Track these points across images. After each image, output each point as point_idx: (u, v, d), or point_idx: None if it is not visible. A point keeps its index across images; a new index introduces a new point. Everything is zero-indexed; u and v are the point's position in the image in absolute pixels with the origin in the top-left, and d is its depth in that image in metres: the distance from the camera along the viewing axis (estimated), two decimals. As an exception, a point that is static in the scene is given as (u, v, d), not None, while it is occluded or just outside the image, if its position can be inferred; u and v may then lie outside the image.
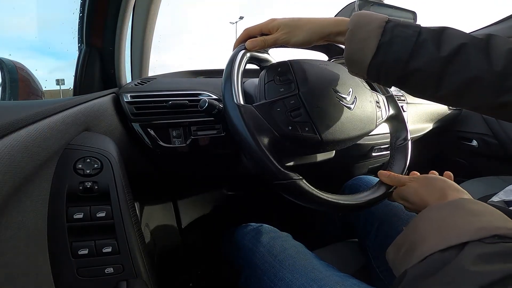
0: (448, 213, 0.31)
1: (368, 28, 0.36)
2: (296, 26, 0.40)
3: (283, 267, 0.45)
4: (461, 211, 0.30)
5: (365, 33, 0.36)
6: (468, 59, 0.32)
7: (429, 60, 0.34)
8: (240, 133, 0.38)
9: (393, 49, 0.35)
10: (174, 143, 0.58)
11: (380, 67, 0.36)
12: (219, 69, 0.91)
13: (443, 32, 0.34)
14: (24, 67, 0.60)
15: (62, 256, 0.34)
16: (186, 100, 0.58)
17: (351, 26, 0.37)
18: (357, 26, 0.37)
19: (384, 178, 0.47)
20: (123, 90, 0.58)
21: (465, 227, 0.28)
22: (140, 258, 0.38)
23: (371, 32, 0.36)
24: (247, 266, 0.50)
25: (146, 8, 0.68)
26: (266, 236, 0.52)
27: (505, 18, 1.09)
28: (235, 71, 0.42)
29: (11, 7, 0.63)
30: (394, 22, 0.36)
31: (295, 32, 0.40)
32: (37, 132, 0.30)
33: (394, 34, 0.35)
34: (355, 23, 0.37)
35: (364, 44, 0.36)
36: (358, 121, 0.48)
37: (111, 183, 0.38)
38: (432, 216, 0.32)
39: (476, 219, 0.28)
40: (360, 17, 0.37)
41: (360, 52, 0.37)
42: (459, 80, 0.33)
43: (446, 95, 0.35)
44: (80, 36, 0.60)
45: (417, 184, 0.43)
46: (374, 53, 0.35)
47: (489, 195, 0.95)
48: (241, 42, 0.45)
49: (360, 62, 0.37)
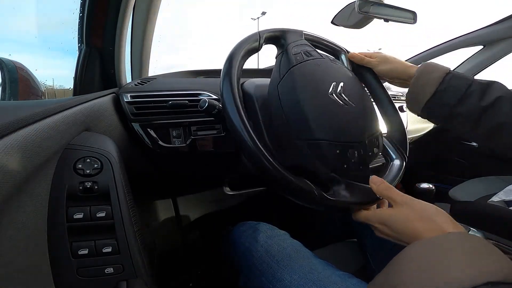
0: (439, 253, 0.27)
1: (430, 77, 0.45)
2: (387, 60, 0.52)
3: (281, 268, 0.44)
4: (455, 250, 0.26)
5: (426, 81, 0.45)
6: (500, 108, 0.41)
7: (471, 108, 0.42)
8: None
9: (445, 96, 0.44)
10: (174, 143, 0.58)
11: (432, 109, 0.46)
12: (218, 69, 0.91)
13: (490, 85, 0.43)
14: (24, 67, 0.60)
15: (62, 256, 0.34)
16: (186, 100, 0.58)
17: (417, 74, 0.47)
18: (422, 74, 0.46)
19: (374, 186, 0.39)
20: (123, 90, 0.58)
21: (456, 273, 0.24)
22: (140, 258, 0.38)
23: (431, 80, 0.45)
24: (245, 266, 0.50)
25: (146, 8, 0.68)
26: (264, 235, 0.52)
27: (505, 18, 1.09)
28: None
29: (11, 7, 0.63)
30: (453, 74, 0.45)
31: (384, 64, 0.52)
32: (37, 132, 0.30)
33: (450, 84, 0.44)
34: (421, 71, 0.47)
35: (423, 89, 0.46)
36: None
37: (111, 183, 0.38)
38: (419, 255, 0.28)
39: (469, 262, 0.25)
40: (426, 66, 0.47)
41: (419, 95, 0.46)
42: (491, 124, 0.42)
43: (480, 135, 0.44)
44: (80, 36, 0.60)
45: (412, 213, 0.35)
46: (429, 97, 0.45)
47: (489, 195, 0.95)
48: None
49: (417, 102, 0.47)
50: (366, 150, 0.44)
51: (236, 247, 0.54)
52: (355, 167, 0.42)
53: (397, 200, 0.36)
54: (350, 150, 0.42)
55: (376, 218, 0.38)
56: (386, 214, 0.37)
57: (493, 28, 1.13)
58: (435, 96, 0.45)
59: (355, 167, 0.42)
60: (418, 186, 0.95)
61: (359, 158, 0.43)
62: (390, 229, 0.36)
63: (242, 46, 0.44)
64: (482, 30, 1.16)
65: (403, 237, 0.35)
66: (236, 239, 0.55)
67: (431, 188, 0.94)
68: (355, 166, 0.42)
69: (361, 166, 0.43)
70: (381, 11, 0.84)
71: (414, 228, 0.33)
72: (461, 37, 1.22)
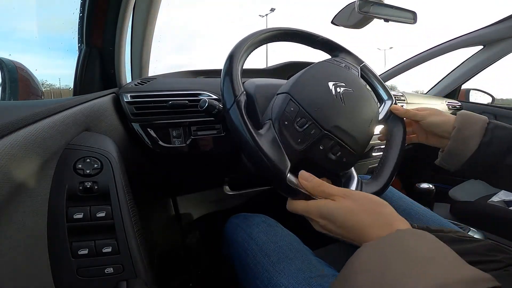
0: (391, 258, 0.24)
1: (472, 129, 0.43)
2: (439, 113, 0.49)
3: (278, 271, 0.42)
4: (407, 254, 0.24)
5: (469, 132, 0.43)
6: None
7: None
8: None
9: (491, 149, 0.42)
10: (174, 143, 0.58)
11: (477, 162, 0.43)
12: (218, 69, 0.91)
13: None
14: (24, 67, 0.60)
15: (62, 256, 0.34)
16: (186, 100, 0.58)
17: (458, 125, 0.44)
18: (463, 126, 0.44)
19: (305, 182, 0.35)
20: (123, 90, 0.58)
21: (407, 284, 0.22)
22: (140, 258, 0.38)
23: (475, 132, 0.43)
24: (240, 267, 0.47)
25: (146, 8, 0.68)
26: (258, 229, 0.49)
27: (505, 18, 1.09)
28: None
29: (11, 7, 0.63)
30: (494, 124, 0.43)
31: (435, 116, 0.49)
32: (37, 132, 0.30)
33: (494, 135, 0.42)
34: (461, 122, 0.44)
35: (467, 142, 0.43)
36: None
37: (111, 183, 0.38)
38: (372, 262, 0.25)
39: (421, 269, 0.22)
40: (464, 117, 0.45)
41: (462, 149, 0.43)
42: None
43: None
44: (80, 36, 0.60)
45: (355, 204, 0.32)
46: (475, 151, 0.42)
47: (489, 195, 0.95)
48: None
49: (459, 156, 0.44)
50: (330, 143, 0.41)
51: (230, 243, 0.52)
52: (318, 153, 0.40)
53: (335, 193, 0.33)
54: (313, 129, 0.40)
55: (316, 211, 0.33)
56: (327, 207, 0.33)
57: (493, 28, 1.13)
58: (479, 149, 0.42)
59: (319, 154, 0.40)
60: (418, 186, 0.95)
61: (326, 149, 0.41)
62: (333, 224, 0.32)
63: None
64: (482, 30, 1.16)
65: (348, 233, 0.32)
66: (229, 234, 0.53)
67: (431, 188, 0.94)
68: (318, 153, 0.40)
69: (324, 156, 0.41)
70: (381, 11, 0.84)
71: (359, 222, 0.31)
72: (461, 37, 1.22)
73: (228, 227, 0.55)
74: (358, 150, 0.43)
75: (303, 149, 0.39)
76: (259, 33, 0.47)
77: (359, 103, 0.45)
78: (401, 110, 0.50)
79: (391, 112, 0.51)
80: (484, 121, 0.43)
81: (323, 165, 0.41)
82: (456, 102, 1.26)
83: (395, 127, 0.50)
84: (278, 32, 0.49)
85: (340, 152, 0.41)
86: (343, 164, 0.42)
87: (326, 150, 0.41)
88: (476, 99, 1.43)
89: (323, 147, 0.40)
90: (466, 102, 1.33)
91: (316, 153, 0.40)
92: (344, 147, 0.41)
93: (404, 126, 0.50)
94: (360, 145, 0.43)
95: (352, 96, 0.45)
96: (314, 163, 0.41)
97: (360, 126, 0.44)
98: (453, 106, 1.23)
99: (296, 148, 0.39)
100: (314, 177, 0.35)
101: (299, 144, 0.39)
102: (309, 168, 0.37)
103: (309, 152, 0.40)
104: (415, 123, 0.52)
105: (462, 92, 1.41)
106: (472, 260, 0.41)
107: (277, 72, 0.92)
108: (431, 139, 0.51)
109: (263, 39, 0.48)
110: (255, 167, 0.38)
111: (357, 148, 0.43)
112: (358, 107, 0.45)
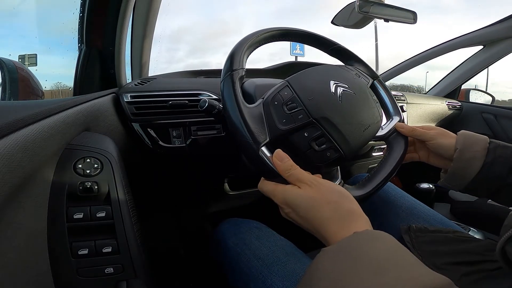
0: (348, 265, 0.23)
1: (474, 149, 0.43)
2: (448, 134, 0.48)
3: (272, 273, 0.41)
4: (363, 263, 0.23)
5: (471, 154, 0.43)
6: None
7: None
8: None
9: (494, 169, 0.42)
10: (174, 143, 0.58)
11: (481, 182, 0.43)
12: (219, 69, 0.91)
13: None
14: (24, 67, 0.60)
15: (62, 256, 0.34)
16: (186, 100, 0.58)
17: (460, 147, 0.44)
18: (466, 147, 0.44)
19: (277, 162, 0.34)
20: (123, 90, 0.58)
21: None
22: (140, 258, 0.38)
23: (477, 153, 0.43)
24: (232, 270, 0.46)
25: (146, 8, 0.68)
26: (250, 235, 0.48)
27: (505, 18, 1.09)
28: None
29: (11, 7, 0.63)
30: (495, 143, 0.43)
31: (442, 137, 0.47)
32: (37, 132, 0.30)
33: (496, 155, 0.42)
34: (463, 144, 0.44)
35: (470, 163, 0.43)
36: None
37: (111, 183, 0.38)
38: (331, 269, 0.24)
39: (379, 281, 0.21)
40: (466, 138, 0.44)
41: (465, 170, 0.43)
42: None
43: None
44: (80, 36, 0.60)
45: (319, 194, 0.31)
46: (478, 172, 0.42)
47: (489, 195, 0.95)
48: None
49: (463, 177, 0.44)
50: (316, 133, 0.40)
51: (221, 248, 0.51)
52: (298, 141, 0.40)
53: (303, 180, 0.32)
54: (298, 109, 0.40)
55: (281, 196, 0.33)
56: (292, 193, 0.32)
57: (493, 28, 1.13)
58: (483, 169, 0.42)
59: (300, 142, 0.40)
60: (418, 186, 0.95)
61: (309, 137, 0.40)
62: (296, 214, 0.32)
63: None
64: (482, 30, 1.16)
65: (308, 225, 0.31)
66: (219, 238, 0.52)
67: (431, 188, 0.94)
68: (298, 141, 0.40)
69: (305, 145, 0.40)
70: (381, 11, 0.85)
71: (320, 215, 0.30)
72: (461, 37, 1.22)
73: (218, 232, 0.54)
74: (346, 151, 0.41)
75: (285, 129, 0.39)
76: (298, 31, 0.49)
77: (357, 106, 0.45)
78: (407, 129, 0.49)
79: (395, 130, 0.49)
80: (485, 141, 0.43)
81: (304, 153, 0.40)
82: (456, 102, 1.26)
83: (396, 143, 0.49)
84: (296, 32, 0.49)
85: (324, 145, 0.40)
86: (325, 158, 0.41)
87: (310, 138, 0.40)
88: (476, 99, 1.43)
89: (308, 135, 0.40)
90: (466, 102, 1.33)
91: (299, 139, 0.40)
92: (331, 141, 0.41)
93: (406, 144, 0.48)
94: (350, 146, 0.42)
95: (351, 98, 0.44)
96: (296, 148, 0.40)
97: (353, 127, 0.43)
98: (453, 106, 1.23)
99: (279, 127, 0.39)
100: (289, 159, 0.34)
101: (283, 124, 0.39)
102: (290, 154, 0.36)
103: (291, 136, 0.40)
104: (418, 141, 0.51)
105: (462, 92, 1.41)
106: (469, 260, 0.41)
107: (277, 72, 0.92)
108: (433, 159, 0.50)
109: (285, 36, 0.49)
110: (234, 135, 0.38)
111: (346, 149, 0.41)
112: (355, 109, 0.44)
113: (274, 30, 0.47)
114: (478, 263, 0.40)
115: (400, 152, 0.47)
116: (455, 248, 0.44)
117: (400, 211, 0.53)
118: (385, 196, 0.56)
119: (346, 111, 0.43)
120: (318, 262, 0.26)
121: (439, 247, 0.44)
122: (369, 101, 0.47)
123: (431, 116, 1.12)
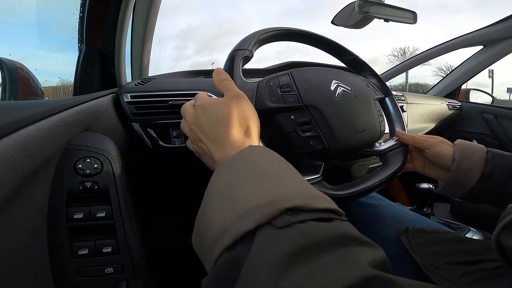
0: (236, 177, 0.23)
1: (472, 159, 0.43)
2: (444, 142, 0.47)
3: None
4: (251, 173, 0.23)
5: (469, 165, 0.43)
6: None
7: None
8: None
9: (493, 179, 0.42)
10: (174, 143, 0.58)
11: (480, 191, 0.43)
12: (219, 69, 0.91)
13: None
14: (24, 67, 0.60)
15: (62, 256, 0.34)
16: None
17: (458, 158, 0.44)
18: (464, 157, 0.43)
19: (215, 75, 0.36)
20: (123, 90, 0.58)
21: (249, 202, 0.20)
22: (140, 258, 0.38)
23: (475, 163, 0.43)
24: None
25: (146, 8, 0.68)
26: None
27: (505, 18, 1.09)
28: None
29: (11, 7, 0.63)
30: (492, 152, 0.43)
31: (441, 145, 0.47)
32: (37, 132, 0.30)
33: (494, 165, 0.42)
34: (461, 154, 0.44)
35: (468, 174, 0.43)
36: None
37: (111, 183, 0.38)
38: (219, 180, 0.24)
39: (266, 186, 0.21)
40: (463, 148, 0.44)
41: (464, 180, 0.43)
42: None
43: None
44: (80, 36, 0.60)
45: (229, 100, 0.31)
46: (476, 181, 0.42)
47: (489, 195, 0.95)
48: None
49: (462, 187, 0.44)
50: (303, 118, 0.40)
51: None
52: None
53: (227, 89, 0.33)
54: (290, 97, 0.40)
55: (199, 101, 0.33)
56: (206, 97, 0.33)
57: (493, 28, 1.13)
58: (481, 179, 0.42)
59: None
60: (418, 186, 0.94)
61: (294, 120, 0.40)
62: (206, 117, 0.31)
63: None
64: (482, 30, 1.16)
65: (212, 134, 0.30)
66: None
67: (431, 188, 0.94)
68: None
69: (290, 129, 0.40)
70: (381, 11, 0.84)
71: (204, 133, 0.31)
72: (461, 37, 1.22)
73: None
74: (331, 146, 0.40)
75: (272, 107, 0.39)
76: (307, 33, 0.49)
77: (355, 109, 0.43)
78: (407, 136, 0.48)
79: (395, 147, 0.48)
80: (483, 151, 0.44)
81: (286, 135, 0.39)
82: (456, 102, 1.26)
83: (394, 159, 0.47)
84: (313, 36, 0.50)
85: (309, 132, 0.40)
86: (308, 146, 0.40)
87: (296, 122, 0.39)
88: (476, 99, 1.43)
89: (294, 118, 0.40)
90: (466, 102, 1.33)
91: (284, 120, 0.40)
92: (317, 130, 0.40)
93: (404, 161, 0.47)
94: (336, 143, 0.40)
95: (350, 99, 0.43)
96: (279, 128, 0.40)
97: (344, 125, 0.42)
98: (453, 106, 1.23)
99: (266, 103, 0.39)
100: (227, 76, 0.35)
101: (271, 101, 0.40)
102: (273, 134, 0.37)
103: (277, 115, 0.40)
104: (415, 150, 0.50)
105: (462, 92, 1.41)
106: (468, 259, 0.41)
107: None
108: (428, 170, 0.49)
109: (298, 37, 0.49)
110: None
111: (331, 143, 0.40)
112: (352, 111, 0.43)
113: (298, 30, 0.48)
114: (477, 263, 0.40)
115: (395, 167, 0.46)
116: (454, 248, 0.44)
117: (385, 220, 0.52)
118: (369, 207, 0.54)
119: (341, 108, 0.42)
120: (214, 175, 0.26)
121: (437, 248, 0.44)
122: (371, 110, 0.46)
123: (431, 116, 1.12)
